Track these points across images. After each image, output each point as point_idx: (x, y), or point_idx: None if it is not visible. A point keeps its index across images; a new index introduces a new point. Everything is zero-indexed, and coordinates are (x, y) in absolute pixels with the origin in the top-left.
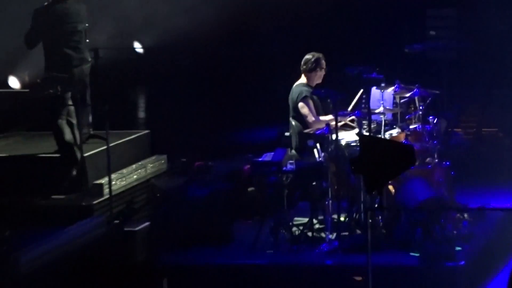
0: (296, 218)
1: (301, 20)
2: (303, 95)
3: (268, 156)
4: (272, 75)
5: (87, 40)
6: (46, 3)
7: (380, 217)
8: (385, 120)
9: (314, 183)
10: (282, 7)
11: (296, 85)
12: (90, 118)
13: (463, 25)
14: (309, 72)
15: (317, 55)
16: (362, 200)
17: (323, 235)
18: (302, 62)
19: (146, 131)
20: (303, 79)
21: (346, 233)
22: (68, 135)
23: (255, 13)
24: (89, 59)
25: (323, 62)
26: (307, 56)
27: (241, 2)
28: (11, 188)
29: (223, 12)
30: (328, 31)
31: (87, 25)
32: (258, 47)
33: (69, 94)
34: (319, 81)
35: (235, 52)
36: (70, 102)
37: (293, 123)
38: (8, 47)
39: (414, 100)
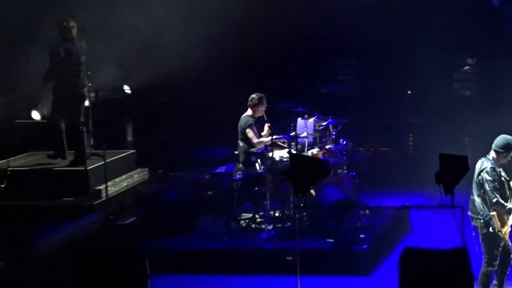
0: (243, 214)
1: (247, 68)
2: (249, 123)
3: (222, 169)
4: (224, 109)
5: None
6: (57, 42)
7: (304, 213)
8: (307, 142)
9: (256, 188)
10: (231, 58)
11: (244, 116)
12: (92, 141)
13: (364, 71)
14: (253, 107)
15: (260, 94)
16: (291, 200)
17: (263, 226)
18: (249, 99)
19: (133, 151)
20: (249, 112)
21: (280, 225)
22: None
23: (211, 64)
24: (87, 83)
25: (265, 100)
26: (253, 95)
27: (197, 53)
28: (33, 193)
29: (188, 60)
30: (266, 77)
31: (85, 57)
32: (213, 89)
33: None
34: (261, 114)
35: (197, 92)
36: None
37: (241, 144)
38: (30, 90)
39: (329, 127)
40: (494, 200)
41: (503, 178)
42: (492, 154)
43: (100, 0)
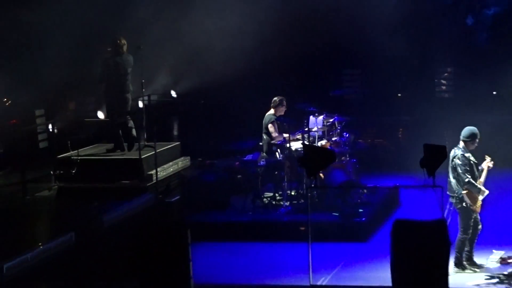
0: (266, 193)
1: (271, 75)
2: (272, 120)
3: (249, 157)
4: (252, 108)
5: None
6: (109, 55)
7: (315, 192)
8: (317, 135)
9: (276, 172)
10: (259, 67)
11: (267, 114)
12: (145, 135)
13: (364, 79)
14: (275, 107)
15: (280, 97)
16: (304, 182)
17: (281, 203)
18: (271, 101)
19: (177, 143)
20: (271, 111)
21: (295, 202)
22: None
23: (242, 72)
24: (131, 89)
25: (285, 102)
26: (275, 98)
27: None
28: (97, 177)
29: (222, 69)
30: (287, 83)
31: (131, 68)
32: (243, 93)
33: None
34: (282, 113)
35: (230, 95)
36: (130, 123)
37: (264, 137)
38: (97, 94)
39: (335, 123)
40: (466, 180)
41: (472, 162)
42: (461, 143)
43: (160, 19)
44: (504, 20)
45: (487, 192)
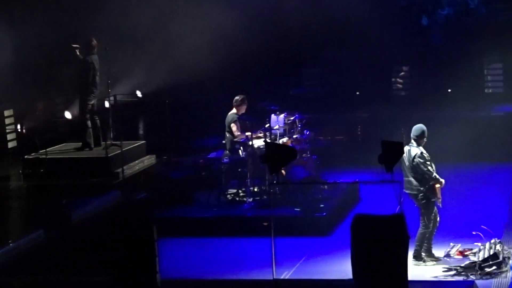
0: (229, 190)
1: (233, 75)
2: (234, 119)
3: (213, 154)
4: (215, 107)
5: None
6: (82, 55)
7: (277, 188)
8: (279, 133)
9: (239, 169)
10: (220, 67)
11: (230, 113)
12: (112, 134)
13: (323, 78)
14: (237, 106)
15: (242, 96)
16: (267, 178)
17: (245, 199)
18: (233, 100)
19: (143, 141)
20: (234, 110)
21: (258, 198)
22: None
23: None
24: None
25: (246, 101)
26: (237, 97)
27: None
28: (65, 175)
29: (185, 70)
30: (248, 82)
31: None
32: (206, 93)
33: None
34: (243, 111)
35: (194, 94)
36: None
37: (227, 135)
38: (64, 95)
39: (296, 121)
40: (433, 175)
41: (429, 157)
42: (413, 141)
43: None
44: (456, 21)
45: (443, 181)
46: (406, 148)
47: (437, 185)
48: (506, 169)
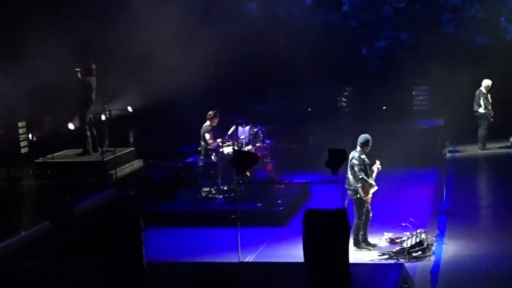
0: (204, 188)
1: (207, 93)
2: (208, 130)
3: (190, 159)
4: (192, 120)
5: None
6: (83, 76)
7: (243, 187)
8: (245, 142)
9: (212, 172)
10: (196, 86)
11: (204, 125)
12: (107, 142)
13: (282, 96)
14: (210, 119)
15: (215, 111)
16: (234, 179)
17: (216, 196)
18: (207, 115)
19: (133, 148)
20: (208, 122)
21: (227, 195)
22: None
23: (185, 91)
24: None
25: (217, 115)
26: (210, 112)
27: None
28: (68, 176)
29: (168, 89)
30: (221, 99)
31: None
32: (185, 107)
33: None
34: (215, 124)
35: (175, 109)
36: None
37: (202, 143)
38: (69, 109)
39: (259, 132)
40: (360, 176)
41: (366, 163)
42: (358, 148)
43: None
44: (390, 51)
45: (376, 187)
46: (352, 152)
47: (360, 185)
48: (430, 172)
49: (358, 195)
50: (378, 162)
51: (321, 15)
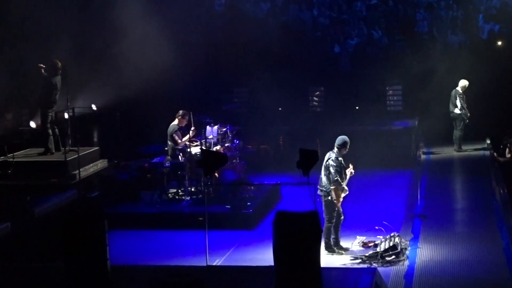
0: (170, 189)
1: (175, 92)
2: (175, 129)
3: (157, 159)
4: (159, 119)
5: None
6: (47, 75)
7: (211, 188)
8: (213, 142)
9: (179, 172)
10: (165, 86)
11: (172, 124)
12: (70, 141)
13: (251, 96)
14: (180, 118)
15: (184, 111)
16: (202, 180)
17: (183, 197)
18: (177, 113)
19: (97, 148)
20: (176, 121)
21: (195, 196)
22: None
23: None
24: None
25: (187, 116)
26: (180, 111)
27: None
28: (29, 176)
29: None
30: (189, 99)
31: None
32: (151, 106)
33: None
34: (183, 124)
35: (140, 108)
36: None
37: (169, 143)
38: (29, 106)
39: (227, 132)
40: (335, 178)
41: (342, 165)
42: (335, 149)
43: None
44: (363, 49)
45: (347, 191)
46: (328, 153)
47: (333, 187)
48: (404, 174)
49: (329, 197)
50: (351, 166)
51: (292, 12)
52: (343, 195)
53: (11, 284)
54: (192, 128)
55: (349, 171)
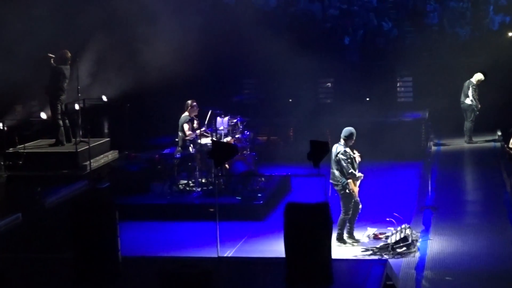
0: (181, 180)
1: (187, 84)
2: (186, 120)
3: (167, 150)
4: (170, 110)
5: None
6: (56, 64)
7: (221, 180)
8: (223, 133)
9: (189, 163)
10: (176, 78)
11: (183, 115)
12: (81, 132)
13: (260, 87)
14: (189, 110)
15: (192, 100)
16: (213, 171)
17: (194, 189)
18: (185, 104)
19: (108, 139)
20: (186, 113)
21: (205, 188)
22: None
23: (162, 81)
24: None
25: (196, 105)
26: (188, 101)
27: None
28: (40, 167)
29: (146, 78)
30: (198, 90)
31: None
32: (163, 98)
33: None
34: (193, 114)
35: (152, 99)
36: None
37: (180, 134)
38: (40, 98)
39: (238, 123)
40: (350, 171)
41: (351, 156)
42: (342, 141)
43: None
44: (373, 41)
45: (362, 176)
46: (334, 145)
47: (349, 180)
48: (414, 166)
49: (347, 190)
50: (356, 153)
51: (302, 3)
52: (357, 182)
53: (22, 274)
54: (197, 120)
55: (357, 157)
